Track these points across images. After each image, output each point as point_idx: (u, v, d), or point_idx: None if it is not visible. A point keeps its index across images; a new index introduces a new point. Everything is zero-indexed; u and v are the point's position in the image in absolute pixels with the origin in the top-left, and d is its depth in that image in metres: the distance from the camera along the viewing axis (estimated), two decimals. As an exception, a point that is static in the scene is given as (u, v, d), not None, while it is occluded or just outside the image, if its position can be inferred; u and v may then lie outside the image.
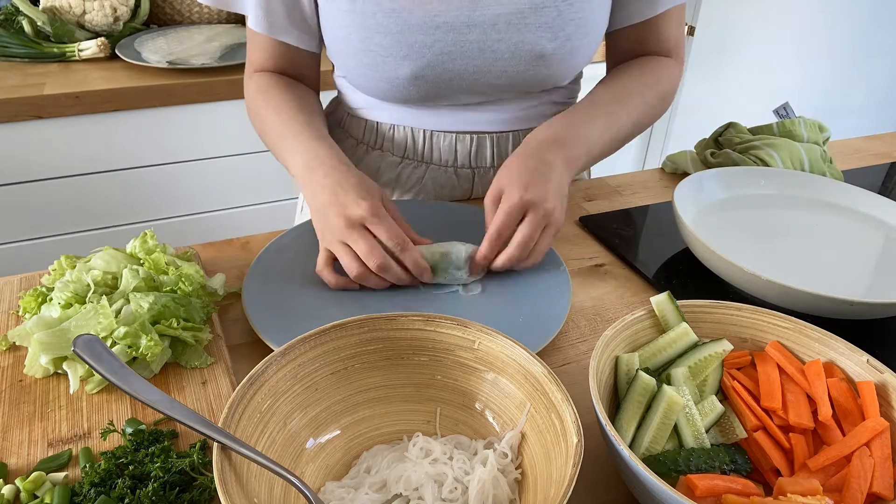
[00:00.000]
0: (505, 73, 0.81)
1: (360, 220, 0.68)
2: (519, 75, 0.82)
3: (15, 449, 0.53)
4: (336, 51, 0.84)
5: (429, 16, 0.76)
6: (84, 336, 0.52)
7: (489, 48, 0.78)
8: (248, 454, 0.44)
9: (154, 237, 0.70)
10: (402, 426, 0.56)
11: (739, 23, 1.92)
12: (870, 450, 0.49)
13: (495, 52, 0.79)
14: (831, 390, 0.54)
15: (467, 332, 0.55)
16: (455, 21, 0.76)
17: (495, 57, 0.79)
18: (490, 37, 0.78)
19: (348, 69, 0.84)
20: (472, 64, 0.80)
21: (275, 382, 0.51)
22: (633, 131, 0.85)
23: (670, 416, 0.51)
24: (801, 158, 0.98)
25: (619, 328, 0.56)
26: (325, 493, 0.49)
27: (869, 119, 2.32)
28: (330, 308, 0.69)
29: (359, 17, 0.77)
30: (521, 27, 0.77)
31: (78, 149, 1.44)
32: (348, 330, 0.55)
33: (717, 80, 1.98)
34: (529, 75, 0.82)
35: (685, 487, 0.47)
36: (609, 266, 0.81)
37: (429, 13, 0.76)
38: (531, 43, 0.78)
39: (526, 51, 0.79)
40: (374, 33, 0.77)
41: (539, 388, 0.51)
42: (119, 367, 0.50)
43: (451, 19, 0.76)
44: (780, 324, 0.58)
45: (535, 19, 0.77)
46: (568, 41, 0.80)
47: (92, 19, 1.60)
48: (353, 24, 0.78)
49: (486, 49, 0.78)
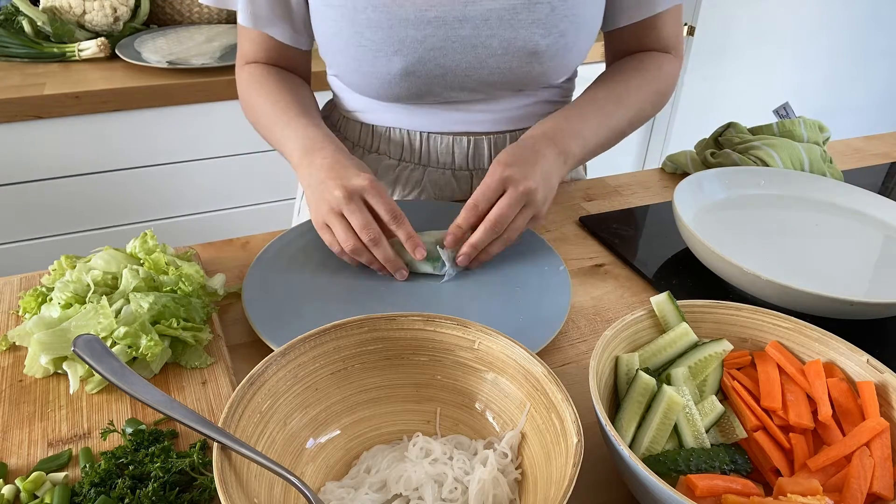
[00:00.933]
0: (497, 69, 0.81)
1: (360, 190, 0.69)
2: (512, 72, 0.81)
3: (15, 449, 0.53)
4: (327, 48, 0.83)
5: (420, 10, 0.76)
6: (84, 336, 0.52)
7: (481, 44, 0.78)
8: (248, 454, 0.44)
9: (154, 237, 0.70)
10: (402, 426, 0.56)
11: (739, 23, 1.92)
12: (870, 450, 0.49)
13: (487, 48, 0.78)
14: (831, 390, 0.54)
15: (467, 332, 0.55)
16: (447, 16, 0.76)
17: (488, 53, 0.79)
18: (482, 32, 0.77)
19: (339, 66, 0.84)
20: (464, 60, 0.79)
21: (275, 382, 0.51)
22: (630, 126, 0.86)
23: (670, 415, 0.51)
24: (801, 158, 0.98)
25: (619, 328, 0.56)
26: (325, 493, 0.49)
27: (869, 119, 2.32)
28: (330, 308, 0.69)
29: (349, 12, 0.77)
30: (513, 23, 0.77)
31: (78, 149, 1.44)
32: (348, 330, 0.55)
33: (717, 80, 1.98)
34: (523, 72, 0.82)
35: (685, 487, 0.47)
36: (609, 266, 0.81)
37: (420, 7, 0.76)
38: (524, 39, 0.78)
39: (518, 47, 0.79)
40: (365, 28, 0.77)
41: (539, 388, 0.51)
42: (119, 367, 0.50)
43: (443, 14, 0.76)
44: (780, 324, 0.58)
45: (528, 15, 0.77)
46: (561, 38, 0.79)
47: (92, 19, 1.60)
48: (342, 19, 0.77)
49: (479, 45, 0.78)
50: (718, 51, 1.94)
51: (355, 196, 0.69)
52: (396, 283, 0.73)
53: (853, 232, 0.85)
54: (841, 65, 2.16)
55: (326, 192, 0.70)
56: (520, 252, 0.77)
